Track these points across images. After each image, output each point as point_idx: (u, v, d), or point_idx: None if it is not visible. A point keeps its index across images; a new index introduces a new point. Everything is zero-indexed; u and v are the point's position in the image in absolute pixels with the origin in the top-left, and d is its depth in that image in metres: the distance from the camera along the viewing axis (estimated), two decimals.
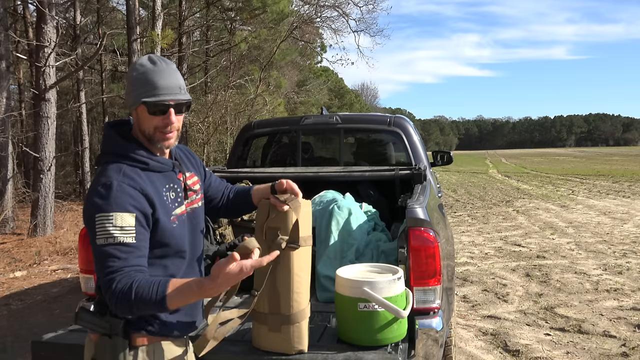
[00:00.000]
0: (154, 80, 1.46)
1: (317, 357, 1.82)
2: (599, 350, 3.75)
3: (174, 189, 1.56)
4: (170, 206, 1.52)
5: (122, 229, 1.36)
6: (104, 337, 1.46)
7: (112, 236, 1.36)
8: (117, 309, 1.36)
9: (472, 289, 5.36)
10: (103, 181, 1.42)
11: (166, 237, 1.48)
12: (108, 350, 1.46)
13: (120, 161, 1.47)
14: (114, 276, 1.34)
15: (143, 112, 1.48)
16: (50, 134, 8.77)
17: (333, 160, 4.39)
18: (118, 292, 1.32)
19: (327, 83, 29.77)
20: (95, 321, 1.47)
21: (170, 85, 1.48)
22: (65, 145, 19.83)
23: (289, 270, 1.77)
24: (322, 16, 20.62)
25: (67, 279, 6.24)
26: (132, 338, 1.47)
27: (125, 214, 1.38)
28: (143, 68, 1.48)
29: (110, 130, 1.54)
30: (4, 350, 3.92)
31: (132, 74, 1.49)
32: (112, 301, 1.34)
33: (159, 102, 1.46)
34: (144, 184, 1.45)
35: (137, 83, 1.47)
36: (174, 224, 1.51)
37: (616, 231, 8.59)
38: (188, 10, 13.81)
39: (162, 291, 1.31)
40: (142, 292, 1.31)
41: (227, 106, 13.66)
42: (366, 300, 1.87)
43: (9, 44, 8.92)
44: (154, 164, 1.51)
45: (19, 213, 9.78)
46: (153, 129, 1.49)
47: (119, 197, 1.39)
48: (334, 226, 2.62)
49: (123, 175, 1.43)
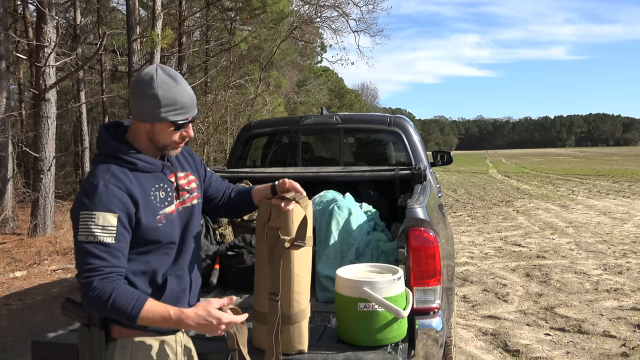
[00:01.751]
0: (181, 100, 1.53)
1: (317, 357, 1.82)
2: (599, 350, 3.75)
3: (164, 189, 1.59)
4: (159, 205, 1.56)
5: (103, 228, 1.42)
6: (84, 327, 1.53)
7: (92, 234, 1.41)
8: (88, 306, 1.42)
9: (472, 289, 5.36)
10: (90, 180, 1.47)
11: (150, 235, 1.53)
12: (86, 340, 1.52)
13: (110, 161, 1.52)
14: (92, 275, 1.40)
15: (165, 128, 1.55)
16: (50, 134, 8.76)
17: (333, 160, 4.38)
18: (96, 294, 1.39)
19: (327, 83, 29.76)
20: (76, 311, 1.53)
21: (192, 103, 1.57)
22: (65, 145, 19.82)
23: (289, 271, 1.77)
24: (322, 16, 20.63)
25: (67, 279, 6.24)
26: (110, 329, 1.52)
27: (108, 213, 1.43)
28: (166, 85, 1.51)
29: (104, 131, 1.58)
30: (4, 350, 3.92)
31: (154, 91, 1.49)
32: (87, 300, 1.41)
33: (187, 121, 1.55)
34: (130, 185, 1.50)
35: (163, 101, 1.50)
36: (160, 223, 1.55)
37: (616, 231, 8.59)
38: (188, 10, 13.81)
39: (138, 309, 1.39)
40: (119, 302, 1.38)
41: (227, 106, 13.66)
42: (366, 300, 1.87)
43: (9, 44, 8.92)
44: (142, 164, 1.55)
45: (19, 213, 9.78)
46: (171, 142, 1.58)
47: (104, 196, 1.44)
48: (334, 226, 2.62)
49: (110, 175, 1.48)
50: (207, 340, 1.98)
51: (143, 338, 1.54)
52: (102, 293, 1.38)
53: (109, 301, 1.38)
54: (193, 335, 1.75)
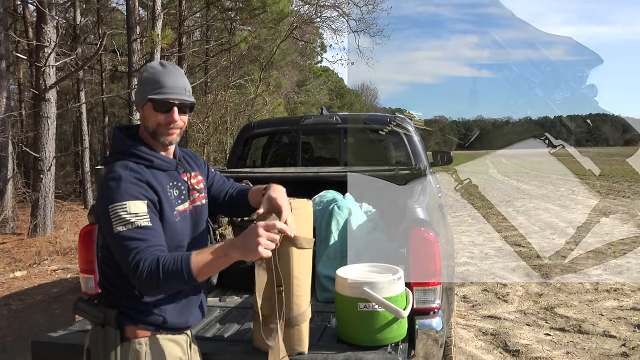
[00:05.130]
0: (162, 80, 1.56)
1: (317, 357, 1.83)
2: (599, 350, 3.75)
3: (178, 187, 1.63)
4: (174, 202, 1.59)
5: (136, 215, 1.44)
6: (98, 326, 1.52)
7: (129, 222, 1.43)
8: (145, 285, 1.40)
9: (472, 289, 5.36)
10: (111, 176, 1.50)
11: (168, 229, 1.54)
12: (100, 340, 1.51)
13: (127, 158, 1.55)
14: (140, 256, 1.39)
15: (149, 109, 1.58)
16: (50, 134, 8.76)
17: (333, 160, 4.38)
18: (146, 272, 1.37)
19: (327, 83, 29.75)
20: (90, 310, 1.53)
21: (176, 86, 1.58)
22: (65, 145, 19.82)
23: (288, 274, 1.76)
24: (322, 16, 20.60)
25: (67, 279, 6.24)
26: (125, 329, 1.52)
27: (137, 201, 1.46)
28: (153, 69, 1.59)
29: (118, 131, 1.64)
30: (4, 350, 3.92)
31: (142, 75, 1.61)
32: (141, 282, 1.39)
33: (164, 99, 1.56)
34: (149, 178, 1.54)
35: (146, 82, 1.57)
36: (177, 218, 1.58)
37: (616, 231, 8.59)
38: (188, 10, 13.80)
39: (187, 257, 1.38)
40: (168, 264, 1.37)
41: (227, 106, 13.66)
42: (366, 300, 1.87)
43: (9, 44, 8.92)
44: (158, 162, 1.59)
45: (19, 213, 9.78)
46: (156, 125, 1.58)
47: (129, 187, 1.47)
48: (334, 226, 2.62)
49: (130, 170, 1.51)
50: (208, 341, 1.99)
51: (157, 338, 1.55)
52: (150, 268, 1.37)
53: (160, 272, 1.36)
54: (195, 334, 1.75)
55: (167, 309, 1.55)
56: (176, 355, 1.58)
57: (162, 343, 1.56)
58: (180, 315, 1.59)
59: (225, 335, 2.06)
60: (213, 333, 2.09)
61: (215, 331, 2.11)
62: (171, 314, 1.56)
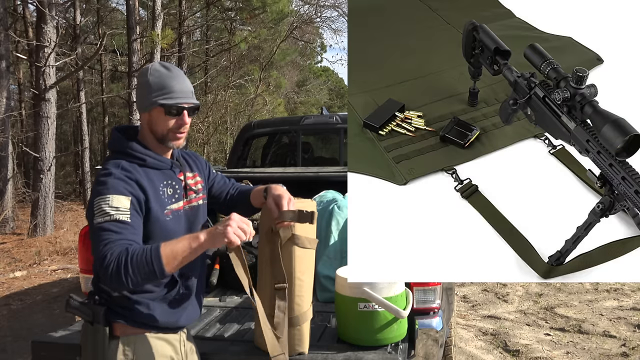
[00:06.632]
0: (170, 84, 1.57)
1: (317, 357, 1.83)
2: (599, 350, 3.75)
3: (172, 186, 1.63)
4: (167, 201, 1.59)
5: (117, 209, 1.44)
6: (87, 324, 1.53)
7: (107, 214, 1.42)
8: (114, 279, 1.35)
9: (472, 289, 5.36)
10: (102, 172, 1.52)
11: (158, 228, 1.54)
12: (89, 338, 1.52)
13: (120, 157, 1.57)
14: (109, 247, 1.37)
15: (159, 114, 1.58)
16: (50, 134, 8.77)
17: (333, 160, 4.39)
18: (114, 260, 1.34)
19: (327, 83, 29.74)
20: (80, 307, 1.53)
21: (184, 90, 1.59)
22: (65, 145, 19.81)
23: (290, 274, 1.76)
24: (322, 16, 20.60)
25: (67, 279, 6.24)
26: (114, 327, 1.52)
27: (121, 196, 1.46)
28: (158, 73, 1.58)
29: (116, 132, 1.65)
30: (4, 350, 3.92)
31: (146, 79, 1.58)
32: (108, 271, 1.34)
33: (176, 104, 1.57)
34: (140, 177, 1.54)
35: (153, 86, 1.57)
36: (168, 217, 1.58)
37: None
38: (188, 10, 13.81)
39: (156, 246, 1.36)
40: (137, 254, 1.34)
41: (227, 106, 13.67)
42: (366, 300, 1.87)
43: (9, 44, 8.93)
44: (151, 160, 1.60)
45: (19, 213, 9.78)
46: (167, 130, 1.59)
47: (116, 182, 1.48)
48: (334, 226, 2.62)
49: (121, 168, 1.53)
50: (208, 341, 1.99)
51: (146, 336, 1.55)
52: (118, 259, 1.33)
53: (128, 263, 1.32)
54: (194, 334, 1.75)
55: (156, 307, 1.55)
56: (167, 354, 1.58)
57: (152, 342, 1.55)
58: (170, 314, 1.58)
59: (225, 335, 2.06)
60: (213, 333, 2.09)
61: (215, 331, 2.11)
62: (161, 313, 1.56)
